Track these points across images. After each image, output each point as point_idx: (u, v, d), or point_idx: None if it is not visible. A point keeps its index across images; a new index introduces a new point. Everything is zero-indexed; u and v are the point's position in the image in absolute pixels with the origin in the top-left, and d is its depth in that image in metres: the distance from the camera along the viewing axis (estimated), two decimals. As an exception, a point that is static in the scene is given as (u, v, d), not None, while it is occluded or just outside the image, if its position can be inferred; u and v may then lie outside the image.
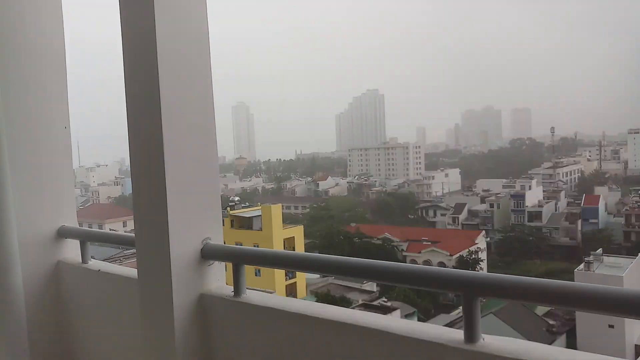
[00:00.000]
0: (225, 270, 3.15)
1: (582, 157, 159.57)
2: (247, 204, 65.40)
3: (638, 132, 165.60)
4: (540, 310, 39.72)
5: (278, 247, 46.51)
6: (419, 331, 2.19)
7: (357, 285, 44.53)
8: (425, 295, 44.89)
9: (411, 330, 2.20)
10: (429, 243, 64.81)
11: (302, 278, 47.23)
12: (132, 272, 3.45)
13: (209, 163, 3.06)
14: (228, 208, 52.61)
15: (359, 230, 72.21)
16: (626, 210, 79.91)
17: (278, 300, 2.85)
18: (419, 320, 40.48)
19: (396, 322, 2.35)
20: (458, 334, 2.11)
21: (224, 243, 3.19)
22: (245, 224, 50.71)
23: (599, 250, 45.67)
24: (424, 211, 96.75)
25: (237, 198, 60.75)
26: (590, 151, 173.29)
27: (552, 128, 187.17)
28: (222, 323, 2.94)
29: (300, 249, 50.30)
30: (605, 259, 43.29)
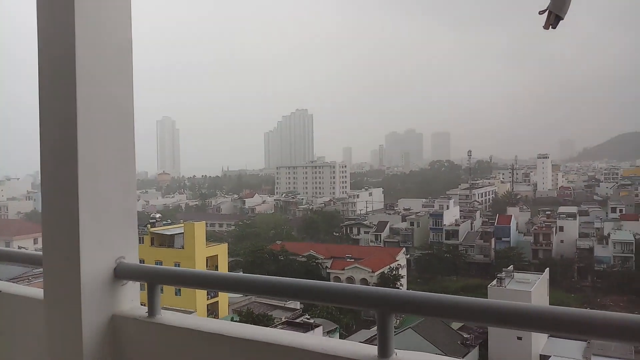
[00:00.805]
0: (143, 290, 3.06)
1: (496, 179, 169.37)
2: (169, 221, 63.37)
3: (546, 157, 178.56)
4: (456, 324, 41.31)
5: (200, 266, 45.36)
6: (335, 348, 2.22)
7: (280, 303, 44.29)
8: (347, 311, 45.40)
9: (328, 346, 2.23)
10: (352, 260, 65.73)
11: (224, 297, 46.25)
12: (39, 292, 3.23)
13: (126, 179, 2.92)
14: (148, 225, 50.76)
15: (284, 247, 71.99)
16: (535, 229, 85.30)
17: (194, 320, 2.73)
18: (340, 336, 40.83)
19: (312, 339, 2.37)
20: (372, 350, 2.15)
21: (143, 262, 3.10)
22: (166, 241, 49.08)
23: (510, 267, 48.45)
24: (348, 229, 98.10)
25: (158, 215, 58.63)
26: (503, 174, 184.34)
27: (469, 151, 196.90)
28: (136, 345, 2.82)
29: (223, 267, 49.33)
30: (516, 275, 45.94)
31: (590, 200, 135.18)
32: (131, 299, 2.93)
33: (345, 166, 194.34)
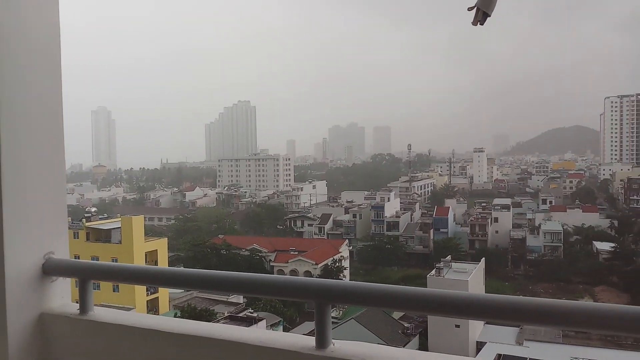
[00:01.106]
0: (77, 286, 2.93)
1: (434, 172, 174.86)
2: (106, 215, 61.31)
3: (482, 151, 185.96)
4: (397, 314, 42.36)
5: (139, 261, 44.14)
6: (273, 340, 2.22)
7: (223, 298, 43.76)
8: (291, 304, 45.54)
9: (266, 339, 2.23)
10: (296, 253, 65.97)
11: (164, 293, 45.28)
12: None
13: (54, 171, 2.77)
14: (84, 219, 48.87)
15: (226, 241, 71.19)
16: (471, 220, 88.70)
17: (129, 316, 2.65)
18: (284, 328, 40.94)
19: (251, 332, 2.35)
20: (310, 341, 2.16)
21: (78, 257, 2.93)
22: (102, 236, 47.43)
23: (448, 257, 50.09)
24: (292, 222, 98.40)
25: (94, 209, 56.49)
26: (441, 167, 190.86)
27: (409, 145, 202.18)
28: (66, 343, 2.69)
29: (163, 262, 48.24)
30: (454, 265, 47.57)
31: (523, 192, 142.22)
32: (61, 296, 2.81)
33: (289, 159, 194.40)
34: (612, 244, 73.23)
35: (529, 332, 38.00)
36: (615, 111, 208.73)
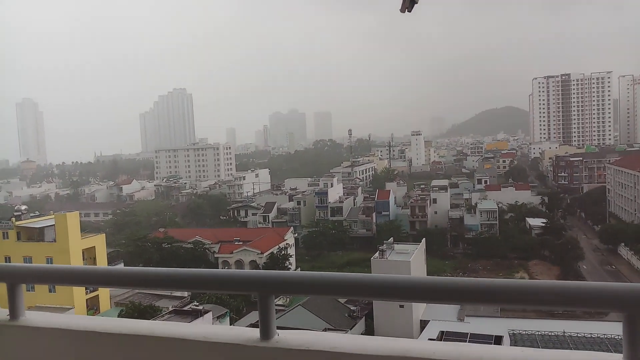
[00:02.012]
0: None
1: (375, 157, 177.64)
2: (37, 213, 58.34)
3: (419, 134, 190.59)
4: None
5: (76, 259, 42.43)
6: (217, 334, 2.20)
7: (166, 292, 42.83)
8: (237, 295, 45.18)
9: (209, 334, 2.20)
10: (241, 243, 65.38)
11: (105, 290, 43.78)
12: None
13: None
14: (13, 219, 46.30)
15: (167, 235, 69.55)
16: (411, 202, 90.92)
17: (63, 319, 2.54)
18: (231, 319, 40.60)
19: (193, 328, 2.31)
20: (254, 333, 2.16)
21: (9, 259, 2.72)
22: (35, 235, 45.12)
23: (391, 239, 51.10)
24: (236, 211, 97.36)
25: (24, 207, 53.53)
26: (381, 151, 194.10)
27: (350, 130, 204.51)
28: None
29: (102, 259, 46.56)
30: (396, 246, 48.54)
31: (459, 173, 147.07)
32: None
33: (229, 147, 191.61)
34: (543, 220, 77.35)
35: (469, 309, 39.56)
36: (543, 92, 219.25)
